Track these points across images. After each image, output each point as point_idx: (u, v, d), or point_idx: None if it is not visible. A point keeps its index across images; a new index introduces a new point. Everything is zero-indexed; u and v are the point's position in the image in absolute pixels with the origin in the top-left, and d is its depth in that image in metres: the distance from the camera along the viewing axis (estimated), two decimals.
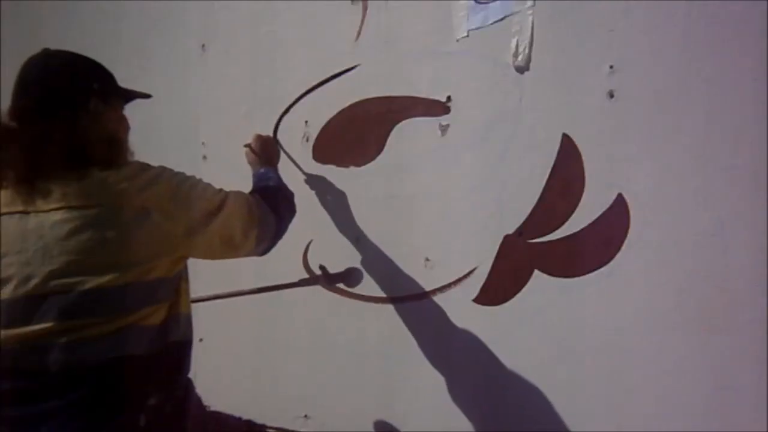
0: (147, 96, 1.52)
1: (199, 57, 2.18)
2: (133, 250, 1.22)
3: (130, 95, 1.48)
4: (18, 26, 2.69)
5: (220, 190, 1.43)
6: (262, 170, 1.72)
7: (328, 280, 1.83)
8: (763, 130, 1.31)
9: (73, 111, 1.27)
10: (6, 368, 1.18)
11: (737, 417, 1.34)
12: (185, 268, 1.39)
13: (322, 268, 1.82)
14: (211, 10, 2.17)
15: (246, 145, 1.82)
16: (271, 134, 2.00)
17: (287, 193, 1.67)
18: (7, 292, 1.19)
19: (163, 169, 1.33)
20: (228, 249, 1.42)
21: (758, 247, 1.32)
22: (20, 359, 1.18)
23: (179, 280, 1.35)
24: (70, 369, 1.18)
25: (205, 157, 2.16)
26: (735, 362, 1.35)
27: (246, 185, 1.54)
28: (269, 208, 1.50)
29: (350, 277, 1.83)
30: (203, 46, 2.18)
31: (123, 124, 1.42)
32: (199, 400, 1.44)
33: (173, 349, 1.32)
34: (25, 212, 1.22)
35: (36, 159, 1.23)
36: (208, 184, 1.41)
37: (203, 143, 2.16)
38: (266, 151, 1.81)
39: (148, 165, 1.33)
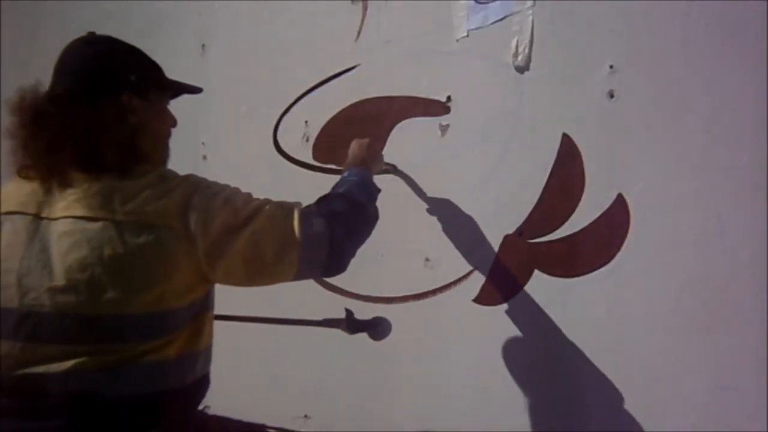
0: (198, 90, 1.39)
1: (199, 57, 2.18)
2: (135, 274, 1.09)
3: (180, 89, 1.35)
4: (18, 26, 2.69)
5: (259, 200, 1.22)
6: (346, 173, 1.45)
7: (351, 326, 1.67)
8: (763, 130, 1.31)
9: (100, 104, 1.16)
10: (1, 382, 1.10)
11: (737, 417, 1.34)
12: (210, 294, 1.24)
13: (347, 312, 1.67)
14: (211, 10, 2.17)
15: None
16: (272, 134, 2.00)
17: (359, 200, 1.35)
18: (3, 299, 1.11)
19: (183, 180, 1.19)
20: (257, 273, 1.19)
21: (758, 247, 1.32)
22: (13, 375, 1.09)
23: (201, 309, 1.20)
24: (64, 396, 1.08)
25: (205, 157, 2.16)
26: (735, 362, 1.35)
27: (247, 186, 1.52)
28: (326, 223, 1.23)
29: (376, 327, 1.66)
30: (203, 46, 2.18)
31: (165, 121, 1.30)
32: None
33: (188, 389, 1.19)
34: (38, 216, 1.13)
35: (57, 154, 1.13)
36: (243, 195, 1.22)
37: (203, 143, 2.16)
38: (361, 152, 1.54)
39: (171, 175, 1.20)
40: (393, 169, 1.75)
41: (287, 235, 1.18)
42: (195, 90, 1.39)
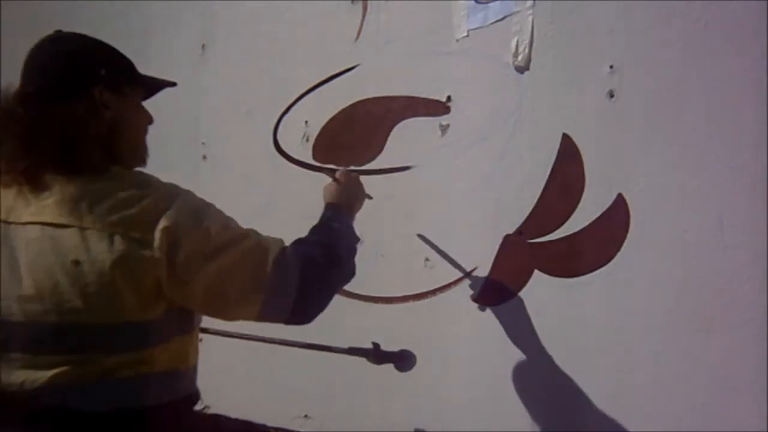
0: (172, 84, 1.34)
1: (199, 57, 2.18)
2: (99, 283, 1.04)
3: (154, 85, 1.29)
4: (18, 26, 2.69)
5: (236, 231, 1.15)
6: (329, 213, 1.39)
7: (378, 357, 1.65)
8: (763, 130, 1.31)
9: (70, 99, 1.12)
10: None
11: (737, 417, 1.34)
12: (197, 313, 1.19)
13: (374, 344, 1.66)
14: (211, 10, 2.17)
15: (331, 175, 1.55)
16: (272, 134, 2.00)
17: (339, 255, 1.27)
18: None
19: (156, 189, 1.12)
20: (216, 308, 1.15)
21: (758, 247, 1.32)
22: None
23: (185, 327, 1.16)
24: (40, 409, 1.05)
25: (205, 157, 2.16)
26: (735, 362, 1.35)
27: (246, 186, 1.51)
28: (299, 275, 1.17)
29: (402, 360, 1.63)
30: (203, 46, 2.18)
31: (140, 117, 1.25)
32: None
33: (169, 407, 1.15)
34: (6, 222, 1.09)
35: (30, 155, 1.09)
36: (221, 221, 1.15)
37: (203, 143, 2.16)
38: (347, 189, 1.48)
39: (145, 182, 1.13)
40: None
41: (256, 280, 1.14)
42: (168, 84, 1.33)
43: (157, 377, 1.12)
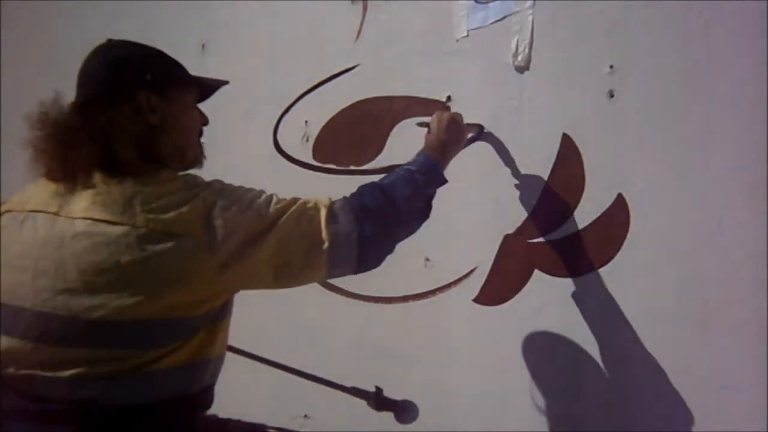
0: (224, 83, 1.36)
1: (199, 57, 2.18)
2: (152, 281, 1.06)
3: (209, 87, 1.31)
4: (18, 26, 2.69)
5: (285, 201, 1.19)
6: (413, 158, 1.38)
7: (378, 403, 1.63)
8: (763, 130, 1.31)
9: (117, 103, 1.15)
10: (7, 382, 1.09)
11: (737, 417, 1.34)
12: (229, 302, 1.20)
13: (377, 389, 1.65)
14: (211, 10, 2.17)
15: (421, 124, 1.53)
16: (272, 134, 2.00)
17: (397, 195, 1.27)
18: (17, 298, 1.09)
19: (206, 186, 1.15)
20: (284, 278, 1.17)
21: (758, 247, 1.32)
22: (23, 377, 1.09)
23: (218, 316, 1.17)
24: (70, 402, 1.07)
25: (205, 157, 2.16)
26: (735, 362, 1.35)
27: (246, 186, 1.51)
28: (354, 220, 1.19)
29: (404, 410, 1.60)
30: (203, 46, 2.18)
31: (190, 119, 1.28)
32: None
33: (193, 397, 1.17)
34: (56, 214, 1.11)
35: (77, 156, 1.12)
36: (268, 198, 1.19)
37: (203, 143, 2.16)
38: (440, 134, 1.44)
39: (195, 181, 1.16)
40: (479, 133, 1.62)
41: (314, 239, 1.16)
42: (221, 83, 1.36)
43: (188, 367, 1.14)
